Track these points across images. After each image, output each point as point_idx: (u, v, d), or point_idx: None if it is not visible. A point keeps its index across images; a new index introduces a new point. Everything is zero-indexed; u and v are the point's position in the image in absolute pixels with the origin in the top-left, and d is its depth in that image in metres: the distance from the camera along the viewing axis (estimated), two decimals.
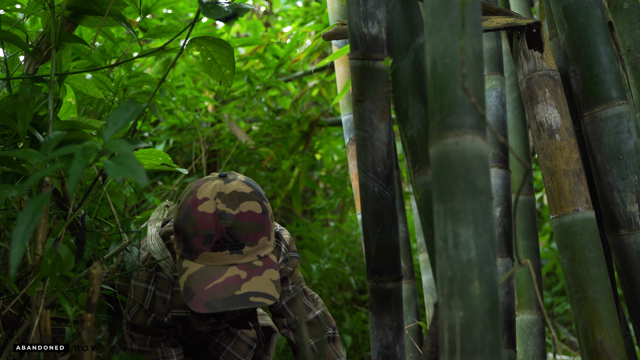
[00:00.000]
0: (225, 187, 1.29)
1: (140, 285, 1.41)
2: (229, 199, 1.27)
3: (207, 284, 1.23)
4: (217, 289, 1.22)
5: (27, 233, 0.82)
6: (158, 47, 1.53)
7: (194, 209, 1.27)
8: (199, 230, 1.25)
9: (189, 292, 1.23)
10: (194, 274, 1.24)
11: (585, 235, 1.31)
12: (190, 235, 1.26)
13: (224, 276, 1.23)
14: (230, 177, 1.33)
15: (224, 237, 1.25)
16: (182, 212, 1.28)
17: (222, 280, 1.23)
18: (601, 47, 1.38)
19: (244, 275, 1.25)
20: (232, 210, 1.26)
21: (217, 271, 1.24)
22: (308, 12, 3.48)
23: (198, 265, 1.25)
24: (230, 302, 1.21)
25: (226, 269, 1.24)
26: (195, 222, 1.26)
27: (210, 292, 1.21)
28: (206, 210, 1.26)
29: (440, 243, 0.82)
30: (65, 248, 1.41)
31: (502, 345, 0.86)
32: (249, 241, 1.27)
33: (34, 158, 0.95)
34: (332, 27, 1.42)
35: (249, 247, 1.27)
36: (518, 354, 1.66)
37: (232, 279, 1.23)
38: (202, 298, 1.21)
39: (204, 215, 1.25)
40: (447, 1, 0.87)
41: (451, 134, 0.83)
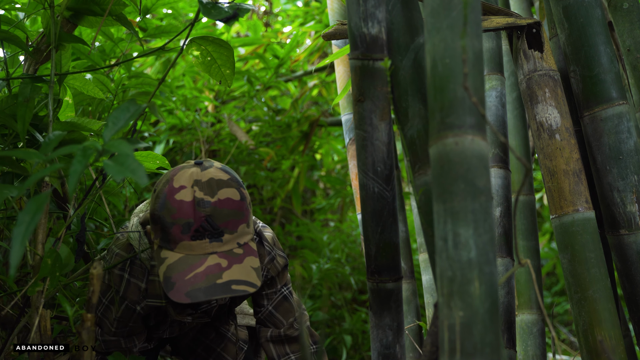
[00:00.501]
0: (202, 174, 1.26)
1: (115, 271, 1.38)
2: (206, 186, 1.25)
3: (187, 273, 1.20)
4: (198, 278, 1.19)
5: (27, 233, 0.82)
6: (158, 47, 1.53)
7: (170, 198, 1.24)
8: (177, 219, 1.22)
9: (169, 282, 1.20)
10: (173, 264, 1.22)
11: (585, 235, 1.31)
12: (168, 224, 1.23)
13: (205, 265, 1.21)
14: (206, 164, 1.30)
15: (203, 225, 1.22)
16: (159, 201, 1.25)
17: (203, 269, 1.20)
18: (601, 47, 1.38)
19: (225, 264, 1.22)
20: (211, 198, 1.24)
21: (197, 260, 1.21)
22: (308, 12, 3.48)
23: (177, 255, 1.22)
24: (212, 290, 1.19)
25: (206, 258, 1.22)
26: (173, 211, 1.23)
27: (191, 281, 1.19)
28: (184, 199, 1.23)
29: (440, 243, 0.82)
30: (65, 248, 1.41)
31: (502, 345, 0.86)
32: (229, 229, 1.24)
33: (33, 158, 0.95)
34: (332, 27, 1.42)
35: (228, 234, 1.24)
36: (518, 354, 1.66)
37: (213, 268, 1.21)
38: (182, 288, 1.19)
39: (181, 204, 1.23)
40: (447, 1, 0.87)
41: (451, 134, 0.83)
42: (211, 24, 3.34)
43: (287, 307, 1.53)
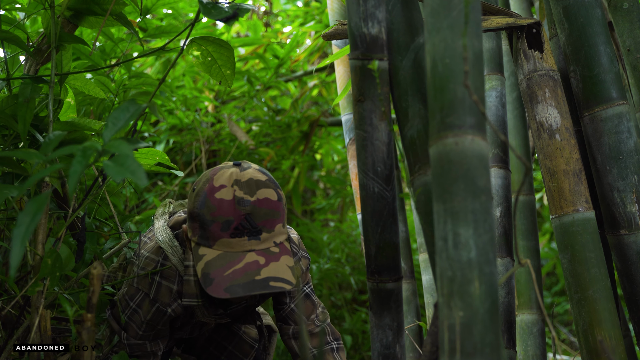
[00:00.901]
0: (241, 174, 1.29)
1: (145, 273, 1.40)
2: (246, 186, 1.28)
3: (226, 269, 1.22)
4: (237, 274, 1.22)
5: (27, 233, 0.82)
6: (158, 47, 1.53)
7: (211, 196, 1.27)
8: (217, 217, 1.25)
9: (208, 278, 1.23)
10: (211, 261, 1.24)
11: (585, 235, 1.31)
12: (208, 222, 1.26)
13: (243, 262, 1.23)
14: (244, 165, 1.33)
15: (243, 224, 1.25)
16: (199, 199, 1.28)
17: (242, 265, 1.23)
18: (601, 47, 1.38)
19: (263, 261, 1.25)
20: (250, 197, 1.27)
21: (235, 257, 1.24)
22: (308, 12, 3.48)
23: (216, 252, 1.25)
24: (251, 286, 1.21)
25: (245, 255, 1.24)
26: (213, 209, 1.26)
27: (230, 277, 1.21)
28: (224, 197, 1.26)
29: (440, 243, 0.82)
30: (65, 248, 1.41)
31: (502, 345, 0.86)
32: (266, 227, 1.27)
33: (34, 158, 0.95)
34: (332, 27, 1.42)
35: (266, 233, 1.27)
36: (518, 354, 1.66)
37: (251, 265, 1.23)
38: (222, 283, 1.21)
39: (221, 202, 1.26)
40: (447, 1, 0.87)
41: (451, 134, 0.83)
42: (211, 24, 3.34)
43: (309, 305, 1.56)
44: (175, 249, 1.39)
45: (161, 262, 1.40)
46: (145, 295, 1.40)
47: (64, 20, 1.46)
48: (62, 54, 1.44)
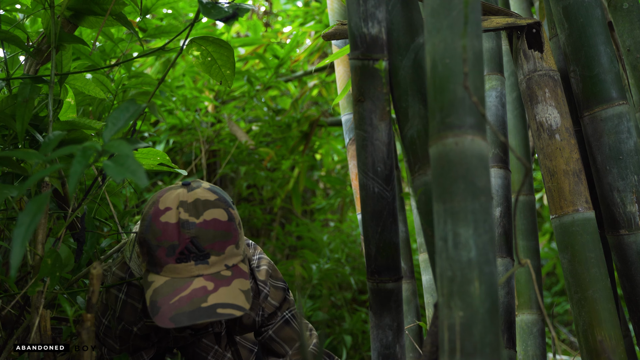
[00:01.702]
0: (188, 195, 1.24)
1: (112, 292, 1.36)
2: (192, 207, 1.22)
3: (172, 297, 1.17)
4: (182, 302, 1.16)
5: (28, 234, 0.82)
6: (158, 47, 1.53)
7: (156, 220, 1.21)
8: (162, 242, 1.20)
9: (155, 306, 1.17)
10: (159, 288, 1.19)
11: (585, 235, 1.31)
12: (153, 247, 1.21)
13: (190, 288, 1.18)
14: (194, 184, 1.27)
15: (188, 247, 1.19)
16: (145, 223, 1.23)
17: (188, 292, 1.17)
18: (601, 47, 1.38)
19: (211, 287, 1.19)
20: (196, 219, 1.21)
21: (182, 283, 1.18)
22: (308, 12, 3.48)
23: (163, 279, 1.20)
24: (197, 315, 1.15)
25: (192, 281, 1.18)
26: (158, 234, 1.21)
27: (176, 305, 1.16)
28: (168, 221, 1.21)
29: (440, 243, 0.82)
30: (65, 248, 1.41)
31: (502, 345, 0.86)
32: (215, 250, 1.21)
33: (33, 158, 0.95)
34: (332, 27, 1.42)
35: (215, 256, 1.21)
36: (518, 354, 1.66)
37: (198, 291, 1.17)
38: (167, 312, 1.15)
39: (166, 226, 1.20)
40: (447, 1, 0.87)
41: (451, 134, 0.83)
42: (211, 24, 3.34)
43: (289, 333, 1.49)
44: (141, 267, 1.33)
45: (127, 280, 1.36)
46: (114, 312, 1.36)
47: (63, 20, 1.46)
48: (62, 54, 1.44)
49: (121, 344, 1.39)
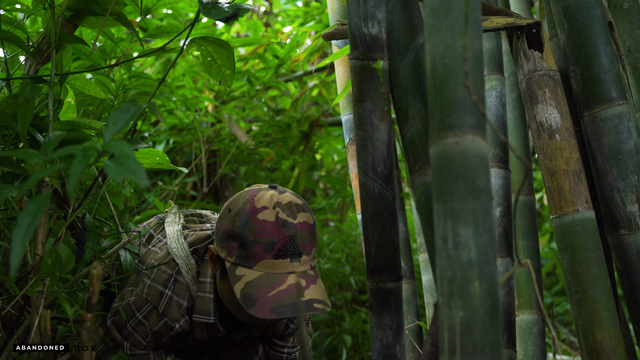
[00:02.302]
0: (281, 197, 1.31)
1: (157, 287, 1.40)
2: (287, 208, 1.29)
3: (270, 290, 1.23)
4: (281, 295, 1.23)
5: (28, 234, 0.82)
6: (158, 47, 1.53)
7: (253, 217, 1.27)
8: (260, 238, 1.26)
9: (250, 298, 1.23)
10: (253, 281, 1.24)
11: (585, 235, 1.31)
12: (250, 242, 1.26)
13: (287, 283, 1.25)
14: (280, 188, 1.35)
15: (286, 245, 1.27)
16: (241, 219, 1.28)
17: (286, 287, 1.24)
18: (601, 47, 1.38)
19: (304, 283, 1.26)
20: (293, 220, 1.28)
21: (278, 278, 1.25)
22: (308, 12, 3.48)
23: (257, 273, 1.25)
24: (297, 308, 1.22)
25: (287, 277, 1.26)
26: (256, 230, 1.26)
27: (275, 298, 1.22)
28: (267, 219, 1.27)
29: (440, 243, 0.82)
30: (65, 248, 1.41)
31: (502, 345, 0.86)
32: (306, 250, 1.29)
33: (34, 158, 0.95)
34: (332, 27, 1.42)
35: (306, 256, 1.29)
36: (518, 354, 1.66)
37: (294, 286, 1.25)
38: (267, 304, 1.22)
39: (264, 223, 1.27)
40: (447, 1, 0.87)
41: (451, 134, 0.83)
42: (211, 24, 3.34)
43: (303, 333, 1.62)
44: (190, 266, 1.40)
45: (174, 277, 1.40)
46: (154, 308, 1.39)
47: (64, 20, 1.46)
48: (62, 54, 1.44)
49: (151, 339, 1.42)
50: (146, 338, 1.42)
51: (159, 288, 1.40)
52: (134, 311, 1.42)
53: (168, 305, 1.39)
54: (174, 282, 1.40)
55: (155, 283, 1.40)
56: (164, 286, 1.40)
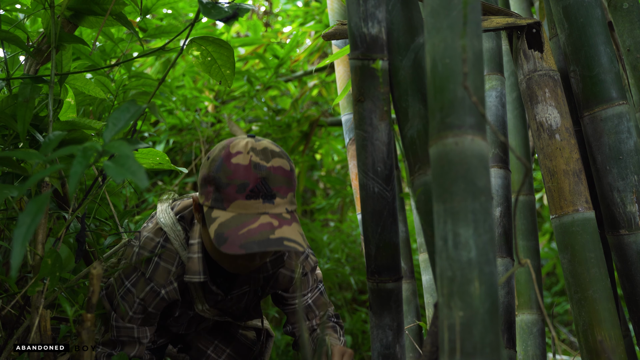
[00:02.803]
0: (256, 144, 1.33)
1: (145, 254, 1.43)
2: (261, 153, 1.31)
3: (241, 229, 1.25)
4: (251, 233, 1.25)
5: (28, 234, 0.82)
6: (158, 47, 1.53)
7: (227, 161, 1.30)
8: (233, 180, 1.29)
9: (222, 237, 1.25)
10: (226, 222, 1.27)
11: (585, 235, 1.31)
12: (223, 184, 1.29)
13: (258, 222, 1.26)
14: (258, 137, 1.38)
15: (258, 186, 1.28)
16: (215, 164, 1.31)
17: (257, 225, 1.26)
18: (601, 47, 1.38)
19: (276, 223, 1.28)
20: (266, 163, 1.30)
21: (250, 218, 1.27)
22: (308, 12, 3.48)
23: (230, 214, 1.28)
24: (266, 244, 1.24)
25: (259, 217, 1.27)
26: (230, 172, 1.29)
27: (245, 235, 1.24)
28: (240, 162, 1.30)
29: (440, 243, 0.82)
30: (65, 248, 1.41)
31: (502, 345, 0.86)
32: (280, 193, 1.30)
33: (34, 158, 0.95)
34: (332, 27, 1.42)
35: (279, 199, 1.30)
36: (518, 354, 1.66)
37: (265, 225, 1.26)
38: (236, 241, 1.24)
39: (238, 166, 1.29)
40: (447, 1, 0.87)
41: (451, 134, 0.83)
42: (211, 24, 3.34)
43: (323, 301, 1.64)
44: (177, 233, 1.43)
45: (161, 244, 1.43)
46: (142, 275, 1.42)
47: (64, 20, 1.46)
48: (62, 54, 1.44)
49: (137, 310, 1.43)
50: (133, 306, 1.43)
51: (146, 255, 1.43)
52: (123, 280, 1.43)
53: (155, 270, 1.41)
54: (161, 248, 1.43)
55: (143, 250, 1.43)
56: (152, 252, 1.43)
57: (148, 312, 1.44)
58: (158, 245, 1.43)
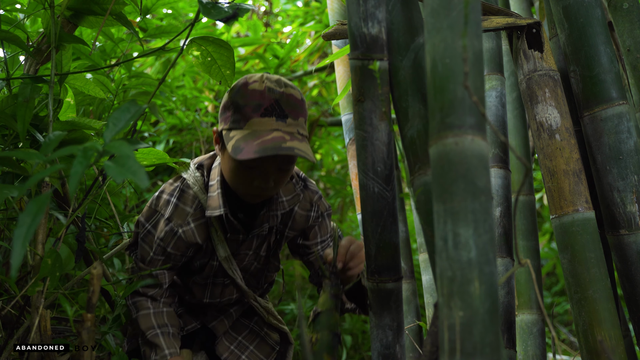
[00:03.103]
0: (271, 76, 1.46)
1: (164, 197, 1.54)
2: (275, 82, 1.43)
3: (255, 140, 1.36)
4: (265, 143, 1.35)
5: (29, 234, 0.82)
6: (158, 47, 1.54)
7: (244, 88, 1.42)
8: (249, 101, 1.40)
9: (238, 149, 1.36)
10: (242, 137, 1.38)
11: (585, 235, 1.31)
12: (241, 105, 1.41)
13: (271, 135, 1.37)
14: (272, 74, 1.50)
15: (272, 105, 1.40)
16: (233, 91, 1.44)
17: (270, 137, 1.37)
18: (601, 47, 1.38)
19: (288, 138, 1.39)
20: (279, 89, 1.42)
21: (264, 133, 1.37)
22: (308, 12, 3.48)
23: (246, 131, 1.38)
24: (278, 149, 1.34)
25: (272, 132, 1.38)
26: (246, 96, 1.41)
27: (260, 144, 1.35)
28: (256, 88, 1.41)
29: (440, 243, 0.82)
30: (65, 248, 1.41)
31: (502, 345, 0.86)
32: (292, 115, 1.41)
33: (34, 158, 0.95)
34: (332, 27, 1.42)
35: (291, 120, 1.41)
36: (518, 354, 1.66)
37: (278, 138, 1.37)
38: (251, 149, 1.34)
39: (254, 91, 1.41)
40: (447, 1, 0.87)
41: (451, 134, 0.83)
42: (211, 24, 3.34)
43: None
44: (196, 178, 1.55)
45: (180, 188, 1.54)
46: (161, 216, 1.53)
47: (63, 20, 1.46)
48: (62, 54, 1.44)
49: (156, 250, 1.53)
50: (153, 247, 1.52)
51: (166, 197, 1.54)
52: (144, 222, 1.54)
53: (174, 211, 1.51)
54: (181, 192, 1.54)
55: (163, 194, 1.55)
56: (171, 195, 1.54)
57: (167, 254, 1.52)
58: (177, 189, 1.54)
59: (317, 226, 1.66)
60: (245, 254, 1.59)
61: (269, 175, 1.43)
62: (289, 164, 1.44)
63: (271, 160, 1.40)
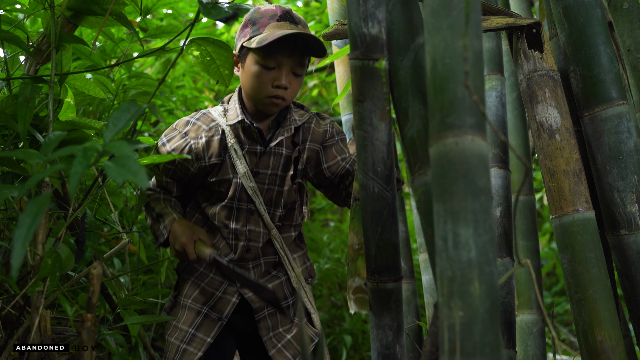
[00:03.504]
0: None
1: (186, 119, 1.65)
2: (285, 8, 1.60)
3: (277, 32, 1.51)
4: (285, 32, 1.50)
5: (29, 235, 0.82)
6: (158, 47, 1.54)
7: (257, 9, 1.58)
8: (264, 14, 1.56)
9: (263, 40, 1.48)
10: (264, 35, 1.51)
11: (585, 235, 1.31)
12: (257, 18, 1.56)
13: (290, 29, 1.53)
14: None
15: (285, 14, 1.57)
16: (249, 14, 1.57)
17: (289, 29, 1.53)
18: (601, 47, 1.38)
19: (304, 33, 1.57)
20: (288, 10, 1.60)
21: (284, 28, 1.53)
22: (308, 12, 3.48)
23: (266, 33, 1.52)
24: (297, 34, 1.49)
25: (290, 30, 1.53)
26: (261, 12, 1.57)
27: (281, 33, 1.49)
28: (268, 7, 1.58)
29: (440, 243, 0.82)
30: (65, 248, 1.41)
31: (502, 345, 0.86)
32: (302, 24, 1.59)
33: (34, 158, 0.95)
34: (332, 27, 1.42)
35: (302, 27, 1.58)
36: (518, 354, 1.66)
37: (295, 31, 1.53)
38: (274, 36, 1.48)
39: (267, 8, 1.58)
40: (447, 1, 0.87)
41: (451, 134, 0.83)
42: (211, 24, 3.34)
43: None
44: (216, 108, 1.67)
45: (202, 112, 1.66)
46: (178, 132, 1.64)
47: (64, 20, 1.46)
48: (62, 54, 1.44)
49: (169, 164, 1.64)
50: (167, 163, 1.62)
51: (187, 119, 1.65)
52: (162, 138, 1.64)
53: (190, 127, 1.62)
54: (202, 114, 1.65)
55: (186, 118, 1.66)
56: (192, 117, 1.65)
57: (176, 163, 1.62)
58: (199, 112, 1.66)
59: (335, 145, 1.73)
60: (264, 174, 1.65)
61: (286, 75, 1.54)
62: (303, 67, 1.57)
63: (288, 54, 1.52)
